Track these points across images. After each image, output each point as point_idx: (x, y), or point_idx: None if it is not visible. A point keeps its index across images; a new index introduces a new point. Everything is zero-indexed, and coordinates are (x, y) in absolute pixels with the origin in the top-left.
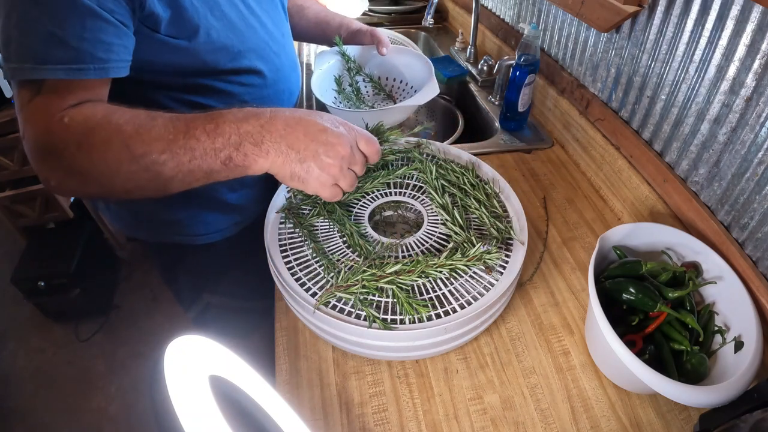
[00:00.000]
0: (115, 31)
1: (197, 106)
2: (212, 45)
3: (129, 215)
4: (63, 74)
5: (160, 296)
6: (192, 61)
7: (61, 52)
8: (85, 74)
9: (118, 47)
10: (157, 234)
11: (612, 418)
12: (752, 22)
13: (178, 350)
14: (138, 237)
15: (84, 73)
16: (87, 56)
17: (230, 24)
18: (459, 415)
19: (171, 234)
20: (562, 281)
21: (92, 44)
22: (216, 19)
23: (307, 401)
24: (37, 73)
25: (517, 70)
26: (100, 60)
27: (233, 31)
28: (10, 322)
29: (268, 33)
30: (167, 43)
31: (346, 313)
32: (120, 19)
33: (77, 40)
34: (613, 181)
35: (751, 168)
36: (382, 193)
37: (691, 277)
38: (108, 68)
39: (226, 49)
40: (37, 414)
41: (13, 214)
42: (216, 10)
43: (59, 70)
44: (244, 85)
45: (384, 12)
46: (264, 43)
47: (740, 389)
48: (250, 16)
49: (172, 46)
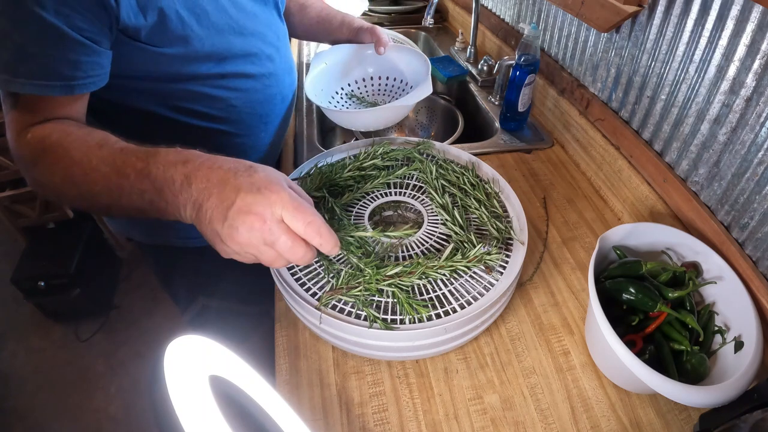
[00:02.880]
0: (84, 49)
1: (185, 111)
2: (196, 53)
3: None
4: (30, 89)
5: (160, 296)
6: (175, 68)
7: (30, 66)
8: (51, 91)
9: (87, 64)
10: (153, 236)
11: (612, 418)
12: (752, 22)
13: (178, 350)
14: (134, 238)
15: (50, 90)
16: (53, 73)
17: (217, 31)
18: (459, 415)
19: (166, 236)
20: (562, 281)
21: (59, 62)
22: (203, 27)
23: (307, 401)
24: (10, 85)
25: (517, 70)
26: (67, 77)
27: (220, 38)
28: (10, 322)
29: (260, 37)
30: (147, 50)
31: (347, 313)
32: (90, 37)
33: (44, 57)
34: (613, 181)
35: (751, 168)
36: (382, 193)
37: (691, 277)
38: (74, 86)
39: (211, 56)
40: (37, 414)
41: (13, 214)
42: (203, 19)
43: (27, 85)
44: (233, 90)
45: (384, 12)
46: (255, 48)
47: (740, 389)
48: (242, 20)
49: (152, 53)
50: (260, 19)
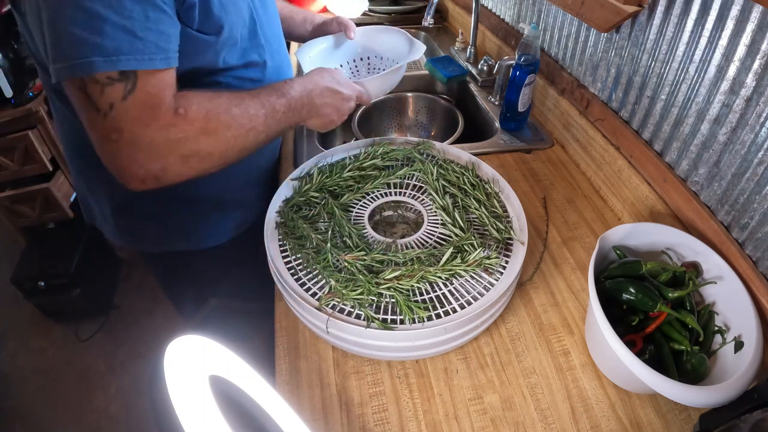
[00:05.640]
0: (170, 21)
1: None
2: (232, 40)
3: (131, 230)
4: (147, 64)
5: (160, 296)
6: (213, 58)
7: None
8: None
9: (173, 37)
10: (163, 244)
11: (612, 418)
12: (752, 22)
13: (178, 350)
14: (144, 250)
15: (157, 63)
16: (153, 47)
17: (243, 20)
18: (459, 415)
19: (178, 241)
20: (562, 281)
21: (157, 35)
22: (235, 15)
23: (307, 401)
24: (127, 64)
25: (517, 70)
26: (164, 50)
27: (245, 27)
28: (10, 322)
29: (270, 27)
30: (198, 38)
31: (346, 313)
32: (170, 10)
33: (144, 31)
34: (613, 181)
35: (751, 168)
36: (382, 193)
37: (691, 277)
38: (170, 59)
39: (239, 44)
40: (37, 414)
41: (13, 214)
42: (231, 5)
43: (144, 61)
44: (249, 80)
45: (384, 12)
46: (267, 37)
47: (740, 389)
48: (259, 8)
49: (201, 42)
50: (270, 8)
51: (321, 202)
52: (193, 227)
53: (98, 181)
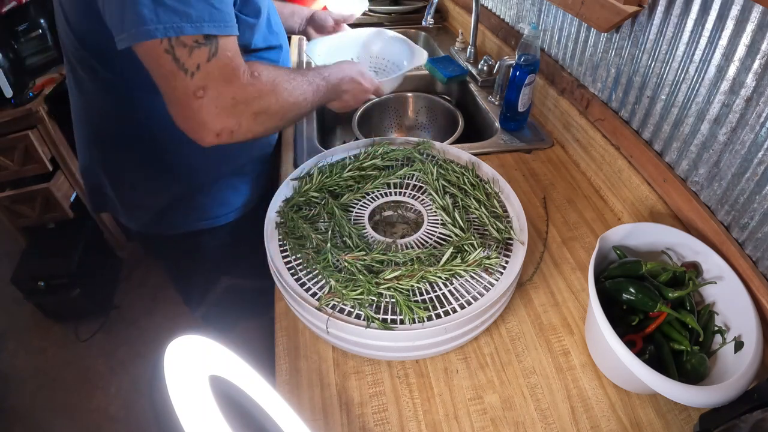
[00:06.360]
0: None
1: None
2: (268, 22)
3: (147, 212)
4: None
5: (160, 296)
6: (249, 39)
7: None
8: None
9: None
10: (180, 224)
11: (612, 418)
12: (752, 22)
13: (178, 350)
14: (154, 232)
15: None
16: (228, 16)
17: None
18: (459, 415)
19: (195, 220)
20: (562, 281)
21: (228, 7)
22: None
23: (307, 401)
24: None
25: (517, 70)
26: (234, 21)
27: (272, 10)
28: (10, 322)
29: (276, 15)
30: (242, 20)
31: (346, 313)
32: None
33: (219, 3)
34: (613, 181)
35: (751, 168)
36: (382, 193)
37: (691, 277)
38: (236, 28)
39: (270, 28)
40: (37, 414)
41: (13, 214)
42: None
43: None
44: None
45: (384, 12)
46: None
47: (740, 389)
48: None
49: (244, 23)
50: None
51: (321, 202)
52: (210, 203)
53: (123, 164)
